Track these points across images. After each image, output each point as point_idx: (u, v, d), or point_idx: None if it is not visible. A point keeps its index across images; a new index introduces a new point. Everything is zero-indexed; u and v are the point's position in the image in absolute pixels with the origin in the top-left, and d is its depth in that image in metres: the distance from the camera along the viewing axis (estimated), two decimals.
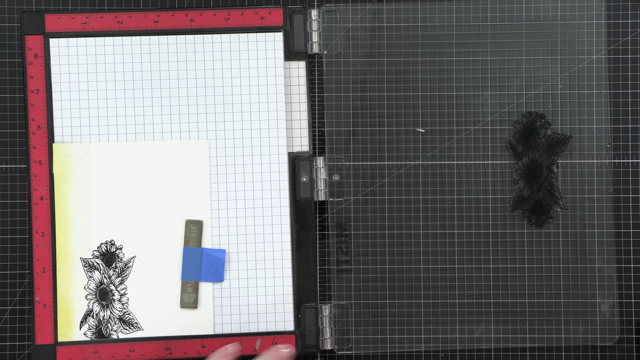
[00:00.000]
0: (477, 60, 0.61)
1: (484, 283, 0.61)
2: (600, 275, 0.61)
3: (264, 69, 0.60)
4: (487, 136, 0.61)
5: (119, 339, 0.59)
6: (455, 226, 0.61)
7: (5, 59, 0.60)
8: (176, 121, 0.60)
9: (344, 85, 0.61)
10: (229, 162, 0.60)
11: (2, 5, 0.61)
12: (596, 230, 0.61)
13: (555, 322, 0.61)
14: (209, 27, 0.60)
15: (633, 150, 0.61)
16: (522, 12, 0.61)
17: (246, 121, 0.60)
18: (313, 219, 0.60)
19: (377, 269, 0.61)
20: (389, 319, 0.61)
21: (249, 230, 0.60)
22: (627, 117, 0.61)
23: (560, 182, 0.61)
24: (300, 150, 0.60)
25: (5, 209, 0.60)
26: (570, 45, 0.61)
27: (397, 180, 0.62)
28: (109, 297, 0.59)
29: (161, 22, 0.60)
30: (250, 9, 0.60)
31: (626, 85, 0.61)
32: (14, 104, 0.60)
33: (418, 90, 0.61)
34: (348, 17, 0.61)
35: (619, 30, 0.61)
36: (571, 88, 0.61)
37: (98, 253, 0.60)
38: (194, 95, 0.60)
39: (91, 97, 0.59)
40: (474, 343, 0.61)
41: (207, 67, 0.60)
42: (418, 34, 0.61)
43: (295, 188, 0.60)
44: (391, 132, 0.62)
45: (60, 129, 0.59)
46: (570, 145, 0.61)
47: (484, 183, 0.61)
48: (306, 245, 0.60)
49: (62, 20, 0.59)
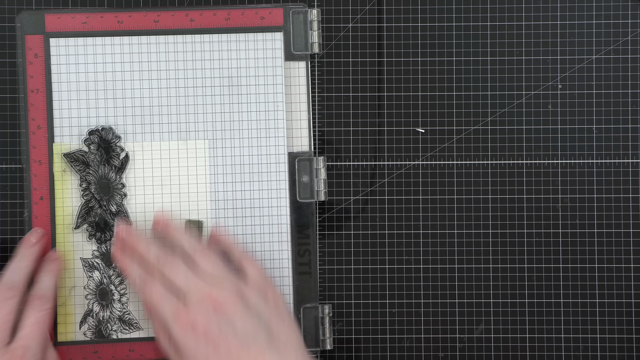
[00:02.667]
0: (477, 60, 0.61)
1: (484, 283, 0.61)
2: (600, 275, 0.61)
3: (263, 69, 0.60)
4: (487, 136, 0.62)
5: (119, 339, 0.59)
6: (455, 226, 0.61)
7: (5, 59, 0.60)
8: (176, 121, 0.60)
9: (344, 85, 0.61)
10: (229, 162, 0.60)
11: (1, 5, 0.61)
12: (596, 230, 0.61)
13: (555, 322, 0.61)
14: (209, 27, 0.60)
15: (633, 150, 0.61)
16: (522, 12, 0.61)
17: (246, 121, 0.60)
18: (313, 219, 0.60)
19: (377, 269, 0.61)
20: (389, 319, 0.61)
21: (249, 230, 0.60)
22: (627, 117, 0.61)
23: (560, 182, 0.61)
24: (300, 150, 0.60)
25: (5, 209, 0.60)
26: (570, 45, 0.61)
27: (397, 180, 0.62)
28: (109, 297, 0.59)
29: (161, 22, 0.59)
30: (250, 9, 0.60)
31: (626, 85, 0.61)
32: (14, 104, 0.60)
33: (418, 90, 0.61)
34: (348, 17, 0.61)
35: (619, 30, 0.61)
36: (571, 88, 0.61)
37: (98, 253, 0.60)
38: (193, 95, 0.60)
39: (91, 97, 0.59)
40: (474, 343, 0.61)
41: (207, 67, 0.60)
42: (418, 34, 0.61)
43: (295, 188, 0.60)
44: (391, 132, 0.62)
45: (60, 129, 0.59)
46: (569, 145, 0.61)
47: (483, 183, 0.61)
48: (306, 245, 0.60)
49: (62, 20, 0.59)
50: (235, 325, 0.52)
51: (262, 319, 0.53)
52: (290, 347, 0.53)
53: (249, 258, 0.57)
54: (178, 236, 0.57)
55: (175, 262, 0.55)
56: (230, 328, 0.51)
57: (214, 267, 0.55)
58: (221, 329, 0.51)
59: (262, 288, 0.55)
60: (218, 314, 0.52)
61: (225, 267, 0.55)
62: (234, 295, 0.53)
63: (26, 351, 0.52)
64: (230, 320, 0.52)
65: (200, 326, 0.51)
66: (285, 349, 0.52)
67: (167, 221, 0.58)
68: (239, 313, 0.52)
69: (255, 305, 0.53)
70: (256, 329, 0.52)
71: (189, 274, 0.54)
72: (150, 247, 0.56)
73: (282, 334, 0.53)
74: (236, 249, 0.58)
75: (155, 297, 0.54)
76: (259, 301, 0.54)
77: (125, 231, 0.57)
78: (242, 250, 0.58)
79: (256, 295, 0.54)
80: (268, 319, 0.53)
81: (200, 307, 0.52)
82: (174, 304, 0.53)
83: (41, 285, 0.56)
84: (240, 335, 0.51)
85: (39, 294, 0.55)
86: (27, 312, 0.53)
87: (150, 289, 0.54)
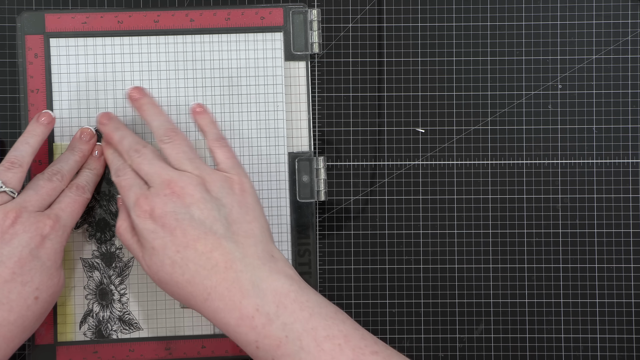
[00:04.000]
0: (477, 60, 0.61)
1: (484, 283, 0.61)
2: (600, 275, 0.61)
3: (263, 69, 0.60)
4: (487, 136, 0.62)
5: (119, 339, 0.59)
6: (455, 226, 0.61)
7: (6, 59, 0.60)
8: (176, 121, 0.60)
9: (343, 85, 0.61)
10: None
11: (1, 5, 0.61)
12: (596, 230, 0.61)
13: (555, 322, 0.61)
14: (209, 27, 0.60)
15: (633, 150, 0.61)
16: (522, 12, 0.61)
17: (246, 121, 0.60)
18: (313, 219, 0.60)
19: (377, 269, 0.61)
20: (389, 319, 0.61)
21: None
22: (627, 117, 0.61)
23: (560, 182, 0.61)
24: (300, 150, 0.60)
25: None
26: (570, 45, 0.61)
27: (397, 180, 0.62)
28: (109, 297, 0.59)
29: (161, 22, 0.59)
30: (250, 9, 0.60)
31: (626, 85, 0.61)
32: (14, 104, 0.60)
33: (418, 90, 0.61)
34: (348, 17, 0.61)
35: (619, 30, 0.61)
36: (571, 88, 0.61)
37: (98, 253, 0.60)
38: (193, 95, 0.60)
39: (91, 97, 0.59)
40: (474, 343, 0.61)
41: (207, 67, 0.60)
42: (418, 34, 0.61)
43: (295, 188, 0.60)
44: (391, 132, 0.62)
45: (60, 129, 0.59)
46: (569, 145, 0.61)
47: (483, 183, 0.61)
48: (306, 245, 0.60)
49: (62, 20, 0.59)
50: (192, 213, 0.51)
51: (222, 210, 0.52)
52: (251, 240, 0.51)
53: (220, 141, 0.56)
54: (148, 115, 0.57)
55: (144, 150, 0.54)
56: (188, 216, 0.51)
57: (179, 151, 0.54)
58: (177, 216, 0.51)
59: (229, 176, 0.54)
60: (176, 200, 0.51)
61: (193, 151, 0.55)
62: (195, 182, 0.52)
63: (57, 220, 0.53)
64: (187, 207, 0.51)
65: (158, 212, 0.51)
66: (244, 241, 0.51)
67: (140, 95, 0.57)
68: (197, 201, 0.51)
69: (218, 194, 0.52)
70: (214, 218, 0.51)
71: (155, 161, 0.53)
72: (125, 137, 0.56)
73: (243, 226, 0.52)
74: (211, 130, 0.57)
75: (123, 185, 0.54)
76: (222, 190, 0.53)
77: (104, 117, 0.57)
78: (216, 132, 0.57)
79: (220, 184, 0.53)
80: (230, 209, 0.52)
81: (159, 193, 0.52)
82: (138, 191, 0.53)
83: (82, 178, 0.57)
84: (197, 224, 0.50)
85: (79, 183, 0.56)
86: (67, 193, 0.55)
87: (120, 178, 0.54)
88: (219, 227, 0.51)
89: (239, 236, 0.51)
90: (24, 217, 0.52)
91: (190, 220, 0.51)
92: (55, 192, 0.55)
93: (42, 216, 0.53)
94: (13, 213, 0.52)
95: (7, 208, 0.52)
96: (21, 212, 0.52)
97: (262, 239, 0.52)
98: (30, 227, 0.52)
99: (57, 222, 0.53)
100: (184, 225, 0.50)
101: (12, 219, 0.52)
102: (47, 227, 0.53)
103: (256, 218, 0.53)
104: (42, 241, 0.52)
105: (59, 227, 0.53)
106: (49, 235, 0.53)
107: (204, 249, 0.50)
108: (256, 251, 0.51)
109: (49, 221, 0.53)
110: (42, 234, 0.52)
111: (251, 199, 0.53)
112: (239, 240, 0.51)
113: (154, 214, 0.51)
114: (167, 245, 0.50)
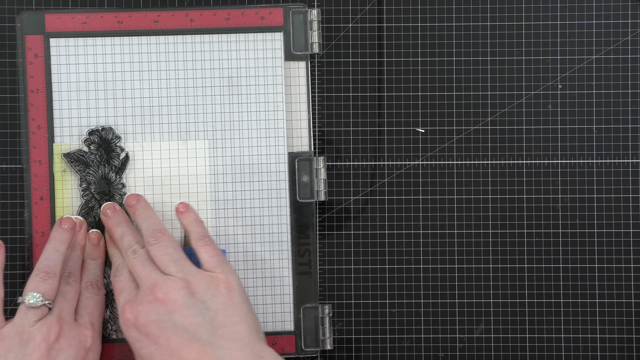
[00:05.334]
0: (477, 60, 0.61)
1: (484, 283, 0.61)
2: (600, 275, 0.61)
3: (263, 69, 0.60)
4: (487, 136, 0.62)
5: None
6: (455, 226, 0.61)
7: (6, 59, 0.60)
8: (176, 121, 0.60)
9: (344, 85, 0.61)
10: (229, 162, 0.60)
11: (1, 5, 0.61)
12: (596, 230, 0.61)
13: (555, 322, 0.61)
14: (209, 27, 0.60)
15: (633, 150, 0.61)
16: (522, 12, 0.61)
17: (246, 121, 0.60)
18: (313, 219, 0.60)
19: (377, 269, 0.61)
20: (389, 319, 0.61)
21: (249, 230, 0.60)
22: (627, 117, 0.61)
23: (560, 182, 0.61)
24: (300, 150, 0.60)
25: (5, 209, 0.60)
26: (570, 45, 0.61)
27: (397, 180, 0.62)
28: (109, 297, 0.59)
29: (161, 22, 0.59)
30: (250, 9, 0.60)
31: (626, 85, 0.61)
32: (14, 104, 0.60)
33: (418, 90, 0.61)
34: (348, 17, 0.61)
35: (619, 30, 0.61)
36: (571, 88, 0.61)
37: None
38: (193, 95, 0.60)
39: (91, 97, 0.59)
40: (474, 343, 0.61)
41: (207, 67, 0.60)
42: (418, 34, 0.61)
43: (295, 188, 0.60)
44: (391, 132, 0.62)
45: (60, 129, 0.59)
46: (569, 145, 0.61)
47: (483, 183, 0.61)
48: (306, 245, 0.60)
49: (62, 20, 0.59)
50: (175, 321, 0.50)
51: (206, 314, 0.51)
52: (238, 344, 0.50)
53: (204, 240, 0.56)
54: (140, 219, 0.57)
55: (140, 250, 0.55)
56: (171, 323, 0.50)
57: (163, 253, 0.54)
58: (160, 324, 0.50)
59: (214, 275, 0.53)
60: (159, 307, 0.51)
61: (178, 251, 0.54)
62: (179, 286, 0.51)
63: (93, 328, 0.54)
64: (170, 314, 0.50)
65: (141, 321, 0.51)
66: (231, 346, 0.50)
67: (135, 202, 0.58)
68: (180, 307, 0.51)
69: (203, 297, 0.51)
70: (198, 325, 0.50)
71: (146, 263, 0.54)
72: (125, 235, 0.56)
73: (229, 329, 0.51)
74: (195, 229, 0.56)
75: (116, 287, 0.54)
76: (208, 291, 0.52)
77: (109, 209, 0.58)
78: (200, 231, 0.56)
79: (205, 285, 0.52)
80: (215, 313, 0.51)
81: (143, 300, 0.51)
82: (126, 296, 0.53)
83: (91, 273, 0.57)
84: (180, 331, 0.50)
85: (91, 280, 0.57)
86: (86, 295, 0.56)
87: (115, 279, 0.55)
88: (204, 332, 0.50)
89: (225, 341, 0.50)
90: (66, 329, 0.53)
91: (173, 328, 0.50)
92: (77, 294, 0.56)
93: (81, 327, 0.54)
94: (56, 327, 0.52)
95: (49, 322, 0.52)
96: (62, 325, 0.53)
97: (249, 341, 0.51)
98: (73, 340, 0.53)
99: (94, 331, 0.54)
100: (167, 333, 0.50)
101: (56, 333, 0.52)
102: (88, 338, 0.54)
103: (243, 319, 0.52)
104: (86, 354, 0.53)
105: (96, 336, 0.55)
106: (91, 348, 0.54)
107: (189, 357, 0.49)
108: (243, 355, 0.50)
109: (89, 332, 0.54)
110: (86, 347, 0.53)
111: (238, 297, 0.53)
112: (225, 346, 0.50)
113: (137, 323, 0.51)
114: (153, 354, 0.50)
